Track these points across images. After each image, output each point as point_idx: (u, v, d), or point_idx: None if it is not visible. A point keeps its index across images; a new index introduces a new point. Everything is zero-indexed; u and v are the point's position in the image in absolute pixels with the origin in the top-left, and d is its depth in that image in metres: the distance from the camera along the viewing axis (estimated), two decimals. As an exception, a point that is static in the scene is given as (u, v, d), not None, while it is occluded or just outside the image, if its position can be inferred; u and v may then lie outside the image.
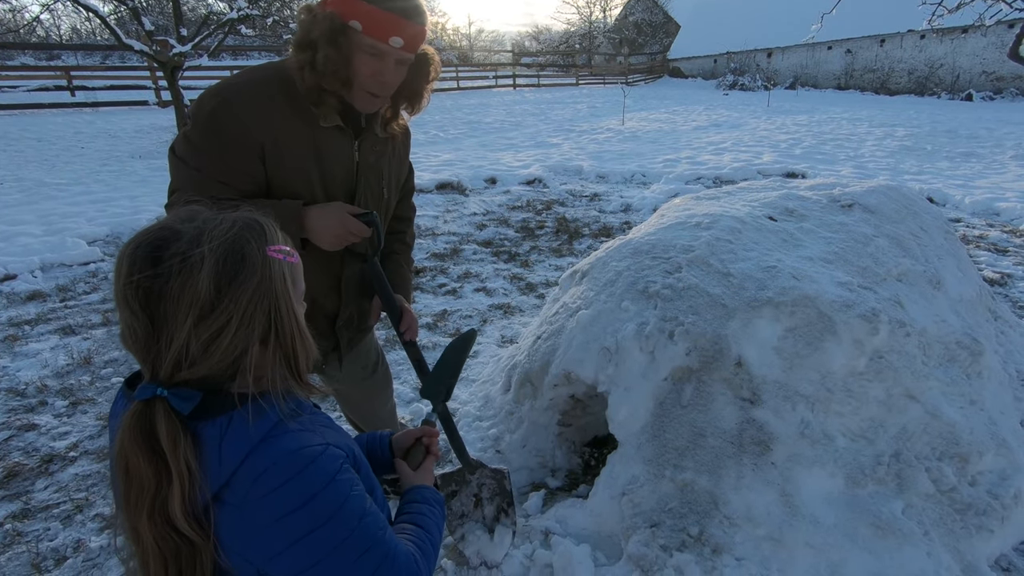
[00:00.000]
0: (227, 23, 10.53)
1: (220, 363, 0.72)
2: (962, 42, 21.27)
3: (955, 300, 2.40)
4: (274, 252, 0.76)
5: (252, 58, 24.28)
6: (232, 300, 0.71)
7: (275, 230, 0.79)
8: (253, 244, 0.74)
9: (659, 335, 1.98)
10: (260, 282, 0.73)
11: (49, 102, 13.86)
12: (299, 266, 0.82)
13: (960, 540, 1.74)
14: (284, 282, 0.76)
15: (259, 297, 0.73)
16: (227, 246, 0.72)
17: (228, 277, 0.71)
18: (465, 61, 31.79)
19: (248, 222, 0.77)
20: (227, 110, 1.23)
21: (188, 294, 0.69)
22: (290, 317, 0.77)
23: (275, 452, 0.73)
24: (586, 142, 10.99)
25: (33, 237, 5.15)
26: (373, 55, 1.22)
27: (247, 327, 0.72)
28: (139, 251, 0.71)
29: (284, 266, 0.77)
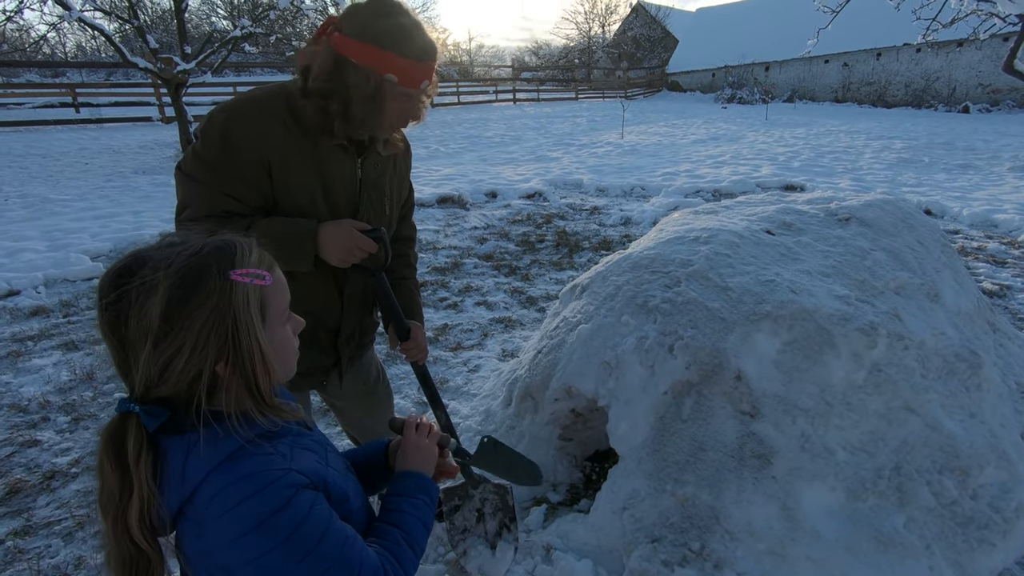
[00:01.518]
0: (231, 41, 10.68)
1: (177, 385, 0.74)
2: (958, 55, 21.49)
3: (953, 313, 2.41)
4: (238, 276, 0.76)
5: (255, 75, 24.55)
6: (183, 326, 0.72)
7: (248, 253, 0.79)
8: (213, 268, 0.75)
9: (659, 349, 1.99)
10: (216, 306, 0.73)
11: (54, 119, 14.02)
12: (273, 288, 0.81)
13: (962, 554, 1.74)
14: (246, 305, 0.75)
15: (215, 321, 0.73)
16: (183, 272, 0.73)
17: (179, 303, 0.72)
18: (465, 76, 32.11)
19: (219, 245, 0.77)
20: (236, 126, 1.25)
21: (143, 321, 0.71)
22: (250, 340, 0.76)
23: (232, 474, 0.74)
24: (586, 156, 11.07)
25: (37, 253, 5.19)
26: (404, 98, 1.27)
27: (200, 352, 0.73)
28: (106, 278, 0.74)
29: (249, 290, 0.76)
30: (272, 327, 0.81)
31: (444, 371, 3.26)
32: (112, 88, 17.20)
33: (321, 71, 1.22)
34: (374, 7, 1.21)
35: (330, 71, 1.22)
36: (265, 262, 0.81)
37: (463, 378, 3.17)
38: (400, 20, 1.21)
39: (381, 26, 1.19)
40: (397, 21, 1.21)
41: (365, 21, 1.20)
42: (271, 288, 0.80)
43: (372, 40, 1.19)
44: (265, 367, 0.78)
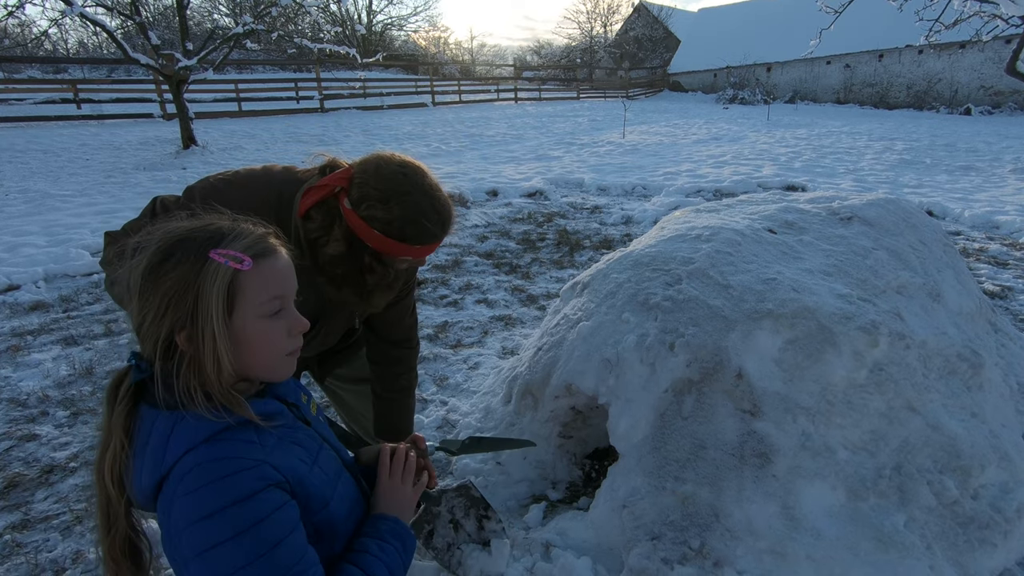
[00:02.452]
0: (232, 38, 10.67)
1: (147, 344, 0.77)
2: (960, 57, 21.47)
3: (955, 312, 2.40)
4: (216, 254, 0.77)
5: (257, 71, 24.53)
6: (153, 289, 0.76)
7: (242, 237, 0.80)
8: (196, 242, 0.77)
9: (659, 347, 1.99)
10: (182, 276, 0.75)
11: (55, 115, 14.00)
12: (251, 276, 0.79)
13: (963, 554, 1.73)
14: (211, 284, 0.75)
15: (176, 290, 0.75)
16: (172, 239, 0.77)
17: (154, 266, 0.76)
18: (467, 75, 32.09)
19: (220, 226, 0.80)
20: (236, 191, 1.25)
21: (132, 277, 0.77)
22: (209, 320, 0.75)
23: (206, 454, 0.74)
24: (587, 155, 11.06)
25: (37, 248, 5.19)
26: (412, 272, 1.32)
27: (161, 315, 0.75)
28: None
29: (220, 270, 0.76)
30: (245, 316, 0.78)
31: (444, 368, 3.25)
32: (114, 84, 17.17)
33: (336, 256, 1.18)
34: (389, 188, 1.13)
35: (344, 256, 1.18)
36: (255, 250, 0.80)
37: (463, 375, 3.17)
38: (418, 204, 1.14)
39: (400, 218, 1.13)
40: (416, 209, 1.14)
41: (379, 213, 1.13)
42: (248, 275, 0.78)
43: (396, 236, 1.14)
44: (215, 353, 0.76)
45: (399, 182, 1.14)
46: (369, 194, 1.13)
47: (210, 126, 13.72)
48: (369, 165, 1.16)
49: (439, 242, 1.22)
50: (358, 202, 1.14)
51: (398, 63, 28.88)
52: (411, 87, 22.40)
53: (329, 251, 1.18)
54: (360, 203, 1.14)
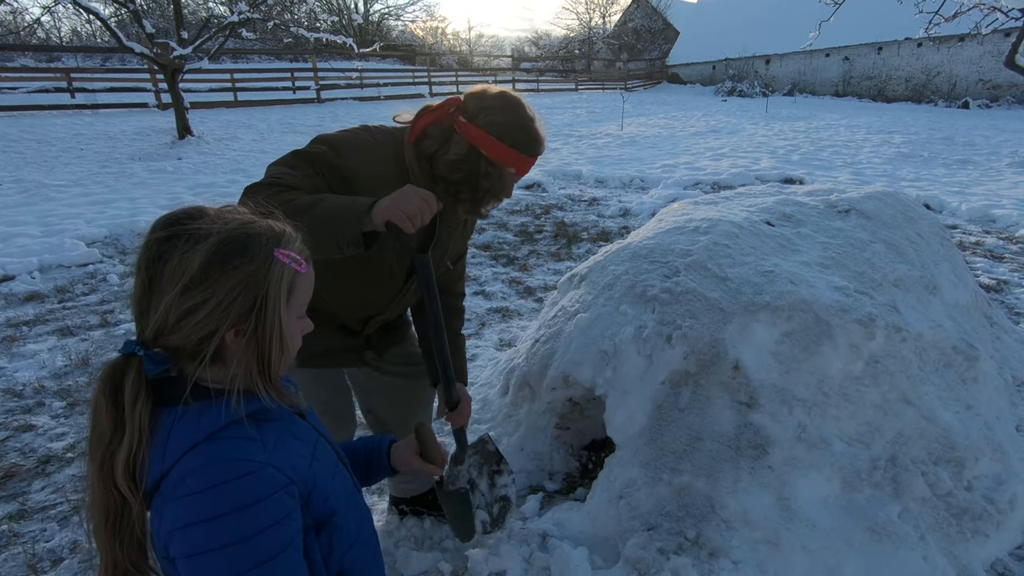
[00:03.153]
0: (228, 26, 10.57)
1: (188, 337, 0.74)
2: (959, 50, 21.43)
3: (951, 306, 2.41)
4: (281, 255, 0.78)
5: (253, 61, 24.32)
6: (217, 281, 0.73)
7: (296, 241, 0.82)
8: (262, 239, 0.77)
9: (657, 339, 1.99)
10: (253, 273, 0.75)
11: (49, 104, 13.87)
12: (304, 279, 0.82)
13: (956, 544, 1.75)
14: (280, 283, 0.77)
15: (246, 287, 0.74)
16: (234, 232, 0.76)
17: (221, 258, 0.73)
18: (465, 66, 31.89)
19: (271, 225, 0.80)
20: (367, 135, 1.35)
21: (182, 263, 0.72)
22: (274, 317, 0.76)
23: (210, 454, 0.72)
24: (585, 147, 11.03)
25: (32, 238, 5.16)
26: (512, 184, 1.40)
27: (223, 310, 0.73)
28: (164, 217, 0.77)
29: (286, 270, 0.78)
30: (291, 315, 0.81)
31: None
32: (108, 73, 17.01)
33: (456, 160, 1.31)
34: (502, 101, 1.30)
35: (464, 161, 1.31)
36: (305, 253, 0.83)
37: (487, 356, 3.17)
38: (527, 117, 1.31)
39: (513, 124, 1.29)
40: (526, 120, 1.31)
41: (498, 118, 1.28)
42: (303, 277, 0.81)
43: (509, 141, 1.29)
44: (281, 345, 0.79)
45: (510, 99, 1.32)
46: (488, 104, 1.29)
47: (206, 116, 13.62)
48: (481, 89, 1.33)
49: (538, 156, 1.37)
50: (476, 113, 1.29)
51: (395, 53, 28.68)
52: (408, 78, 22.25)
53: (449, 156, 1.31)
54: (478, 114, 1.28)
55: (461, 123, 1.30)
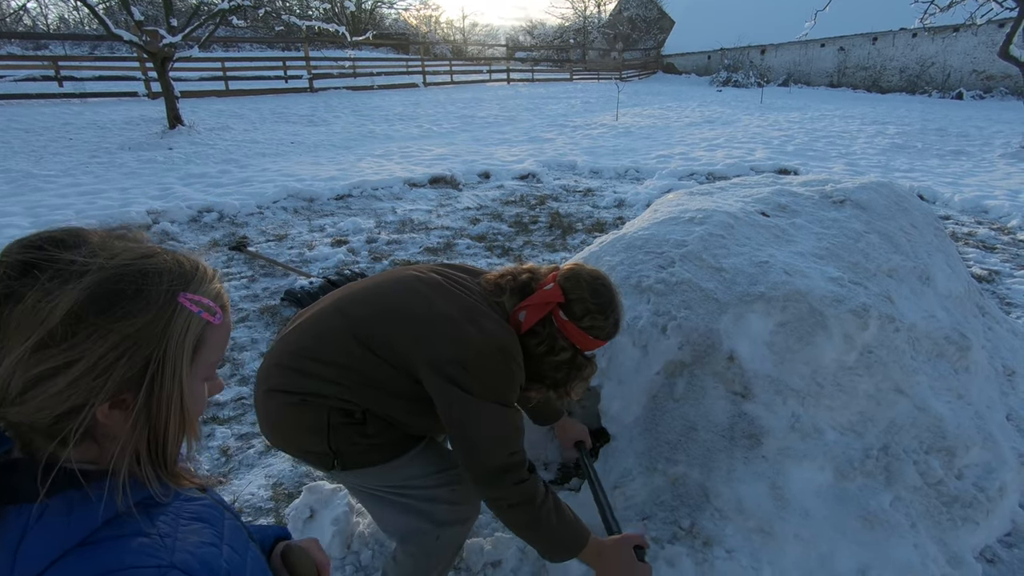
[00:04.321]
0: (218, 14, 10.42)
1: (39, 412, 0.54)
2: (953, 41, 21.42)
3: (944, 296, 2.43)
4: (188, 301, 0.60)
5: (244, 49, 24.01)
6: (90, 337, 0.54)
7: (210, 281, 0.64)
8: (163, 280, 0.59)
9: (652, 329, 1.99)
10: (146, 327, 0.56)
11: (36, 92, 13.66)
12: (217, 332, 0.64)
13: (946, 532, 1.77)
14: (183, 339, 0.59)
15: (135, 346, 0.56)
16: (123, 270, 0.57)
17: (100, 305, 0.54)
18: (459, 55, 31.63)
19: (178, 260, 0.62)
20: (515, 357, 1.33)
21: (39, 309, 0.52)
22: (174, 383, 0.59)
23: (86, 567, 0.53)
24: (580, 137, 10.98)
25: (20, 229, 5.09)
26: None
27: (96, 378, 0.54)
28: (24, 239, 0.58)
29: (194, 321, 0.60)
30: (196, 377, 0.63)
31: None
32: (96, 62, 16.75)
33: (561, 362, 1.37)
34: (602, 301, 1.35)
35: (567, 363, 1.37)
36: (222, 299, 0.65)
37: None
38: (620, 311, 1.40)
39: (613, 324, 1.38)
40: (619, 316, 1.39)
41: (599, 323, 1.35)
42: (216, 330, 0.63)
43: (604, 337, 1.38)
44: (181, 419, 0.61)
45: (604, 294, 1.37)
46: (590, 308, 1.34)
47: (196, 105, 13.46)
48: (577, 281, 1.36)
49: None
50: (580, 316, 1.34)
51: (388, 42, 28.39)
52: (402, 67, 22.05)
53: (558, 359, 1.36)
54: (582, 316, 1.34)
55: (562, 320, 1.34)
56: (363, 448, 1.32)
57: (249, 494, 2.16)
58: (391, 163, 8.37)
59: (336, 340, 1.31)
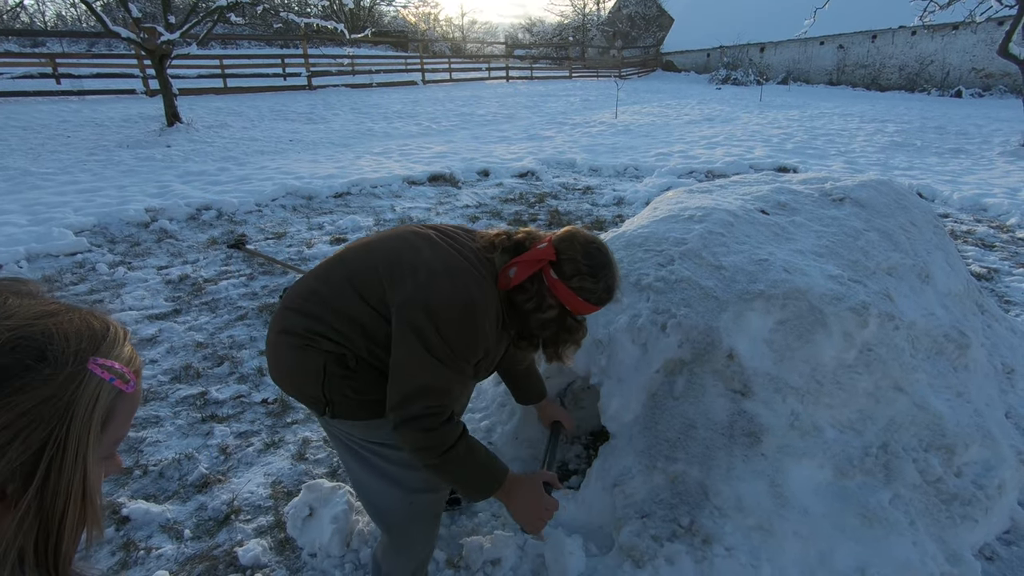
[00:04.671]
0: (216, 11, 10.38)
1: None
2: (952, 39, 21.41)
3: (943, 294, 2.43)
4: (99, 367, 0.52)
5: (242, 47, 23.95)
6: None
7: (121, 344, 0.56)
8: (69, 343, 0.51)
9: (651, 327, 1.99)
10: (47, 401, 0.48)
11: (34, 90, 13.61)
12: (132, 400, 0.57)
13: (945, 529, 1.77)
14: (90, 413, 0.50)
15: (32, 424, 0.47)
16: (19, 332, 0.48)
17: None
18: (458, 53, 31.56)
19: (87, 320, 0.54)
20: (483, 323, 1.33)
21: None
22: (76, 467, 0.49)
23: None
24: (579, 135, 10.97)
25: (18, 227, 5.08)
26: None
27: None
28: None
29: (104, 389, 0.52)
30: (100, 455, 0.54)
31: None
32: (94, 59, 16.67)
33: (548, 320, 1.37)
34: (595, 263, 1.35)
35: (554, 321, 1.37)
36: (135, 364, 0.57)
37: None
38: (614, 276, 1.39)
39: (604, 288, 1.37)
40: (613, 281, 1.38)
41: (589, 284, 1.34)
42: (127, 400, 0.55)
43: (595, 301, 1.37)
44: (82, 510, 0.51)
45: (598, 257, 1.36)
46: (580, 269, 1.34)
47: (195, 103, 13.42)
48: (572, 241, 1.37)
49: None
50: (570, 276, 1.34)
51: (387, 40, 28.31)
52: (401, 65, 22.00)
53: (545, 317, 1.36)
54: (572, 276, 1.34)
55: (552, 279, 1.35)
56: (353, 403, 1.38)
57: (248, 492, 2.16)
58: (390, 161, 8.36)
59: (337, 285, 1.38)
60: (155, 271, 4.34)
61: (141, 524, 2.01)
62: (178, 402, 2.75)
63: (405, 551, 1.54)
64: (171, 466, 2.29)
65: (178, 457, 2.33)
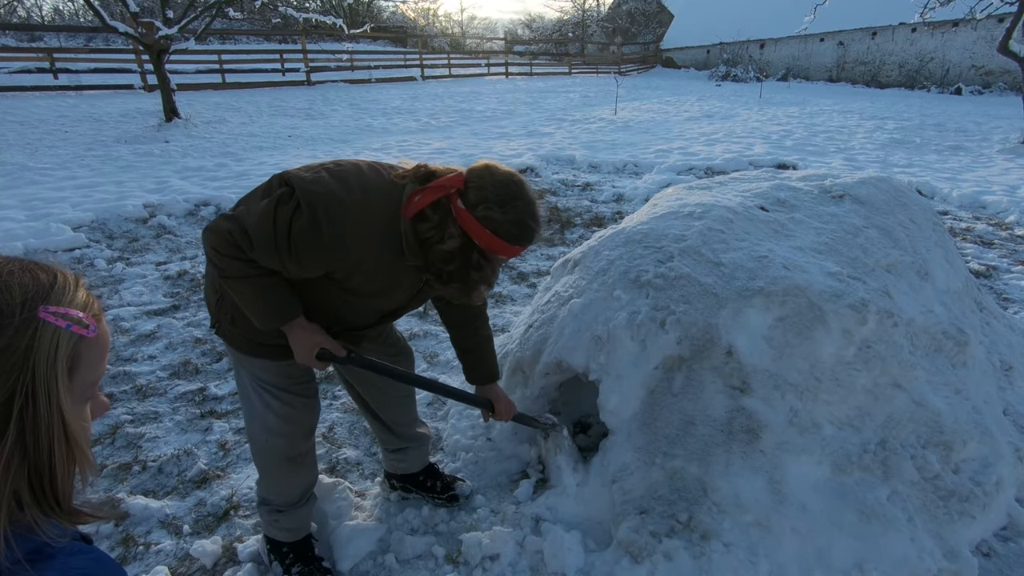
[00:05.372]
0: (215, 5, 10.33)
1: None
2: (952, 36, 21.37)
3: (942, 291, 2.43)
4: (52, 315, 0.53)
5: (240, 42, 23.85)
6: None
7: (72, 290, 0.57)
8: (14, 296, 0.52)
9: (650, 324, 1.99)
10: (6, 349, 0.50)
11: (31, 85, 13.56)
12: (97, 343, 0.58)
13: (943, 526, 1.77)
14: (52, 358, 0.52)
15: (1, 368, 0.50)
16: None
17: None
18: (457, 48, 31.47)
19: (33, 272, 0.55)
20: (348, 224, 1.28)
21: None
22: (51, 411, 0.52)
23: None
24: (578, 131, 10.95)
25: (16, 222, 5.06)
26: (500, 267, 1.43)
27: None
28: None
29: (63, 337, 0.54)
30: (77, 398, 0.57)
31: (434, 345, 3.24)
32: (92, 54, 16.58)
33: (450, 251, 1.30)
34: (503, 193, 1.28)
35: (457, 253, 1.31)
36: (92, 308, 0.59)
37: (453, 352, 3.16)
38: (527, 211, 1.30)
39: (512, 221, 1.29)
40: (525, 215, 1.30)
41: (496, 214, 1.27)
42: (92, 344, 0.57)
43: (505, 236, 1.29)
44: (68, 450, 0.54)
45: (511, 188, 1.29)
46: (487, 197, 1.28)
47: (193, 98, 13.37)
48: (483, 171, 1.32)
49: (533, 243, 1.37)
50: (475, 204, 1.28)
51: (386, 35, 28.22)
52: (400, 60, 21.94)
53: (444, 248, 1.30)
54: (477, 204, 1.27)
55: (459, 208, 1.29)
56: (231, 330, 1.49)
57: (248, 488, 2.16)
58: (389, 157, 8.34)
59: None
60: (153, 267, 4.33)
61: (140, 519, 2.01)
62: (177, 398, 2.75)
63: (262, 480, 1.73)
64: (170, 462, 2.29)
65: (177, 453, 2.33)
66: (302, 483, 1.75)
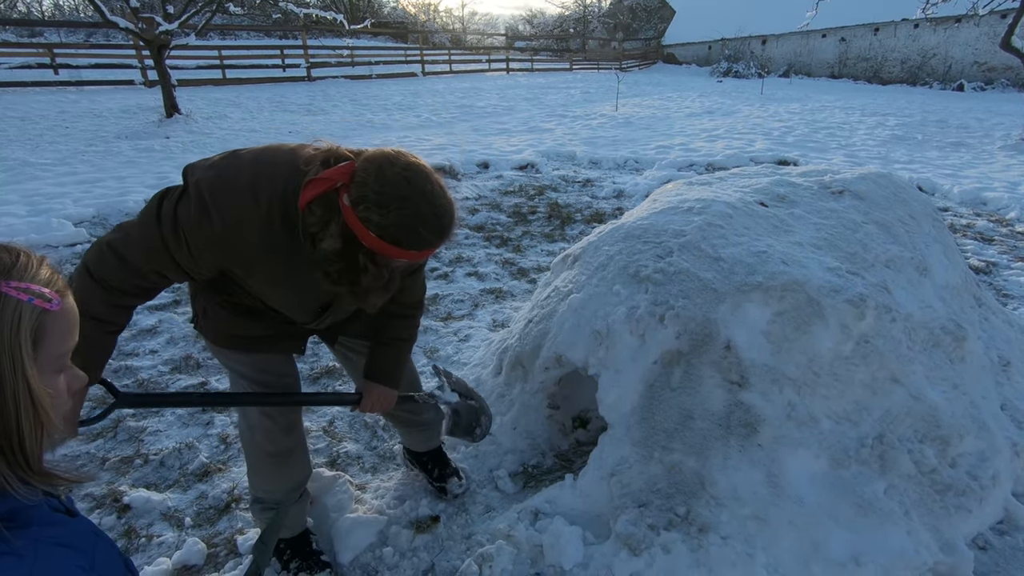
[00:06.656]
0: (215, 1, 10.31)
1: None
2: (955, 32, 21.30)
3: (941, 287, 2.43)
4: (14, 289, 0.56)
5: (240, 38, 23.80)
6: None
7: (35, 267, 0.60)
8: None
9: (650, 319, 2.00)
10: None
11: (32, 80, 13.55)
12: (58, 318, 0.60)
13: (939, 519, 1.78)
14: (15, 330, 0.55)
15: None
16: None
17: None
18: (458, 44, 31.39)
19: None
20: (227, 212, 1.20)
21: None
22: (16, 379, 0.55)
23: None
24: (579, 127, 10.94)
25: (17, 218, 5.07)
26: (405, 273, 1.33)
27: None
28: None
29: (24, 310, 0.56)
30: (45, 371, 0.60)
31: (435, 340, 3.26)
32: (92, 49, 16.57)
33: (332, 251, 1.16)
34: (388, 192, 1.11)
35: (340, 254, 1.16)
36: (56, 284, 0.62)
37: (453, 347, 3.17)
38: (410, 212, 1.12)
39: (396, 224, 1.11)
40: (408, 215, 1.12)
41: (375, 216, 1.10)
42: (55, 317, 0.60)
43: (388, 239, 1.12)
44: (35, 416, 0.57)
45: (399, 186, 1.12)
46: (367, 196, 1.11)
47: (193, 94, 13.36)
48: (372, 164, 1.14)
49: (435, 248, 1.20)
50: (356, 202, 1.12)
51: (387, 31, 28.15)
52: (400, 56, 21.89)
53: (325, 247, 1.16)
54: (358, 203, 1.12)
55: (344, 205, 1.13)
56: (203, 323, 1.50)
57: (248, 481, 2.18)
58: (389, 153, 8.32)
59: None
60: (155, 262, 4.34)
61: (142, 512, 2.02)
62: (178, 392, 2.76)
63: (250, 476, 1.76)
64: (172, 455, 2.31)
65: (178, 446, 2.35)
66: (289, 481, 1.72)
